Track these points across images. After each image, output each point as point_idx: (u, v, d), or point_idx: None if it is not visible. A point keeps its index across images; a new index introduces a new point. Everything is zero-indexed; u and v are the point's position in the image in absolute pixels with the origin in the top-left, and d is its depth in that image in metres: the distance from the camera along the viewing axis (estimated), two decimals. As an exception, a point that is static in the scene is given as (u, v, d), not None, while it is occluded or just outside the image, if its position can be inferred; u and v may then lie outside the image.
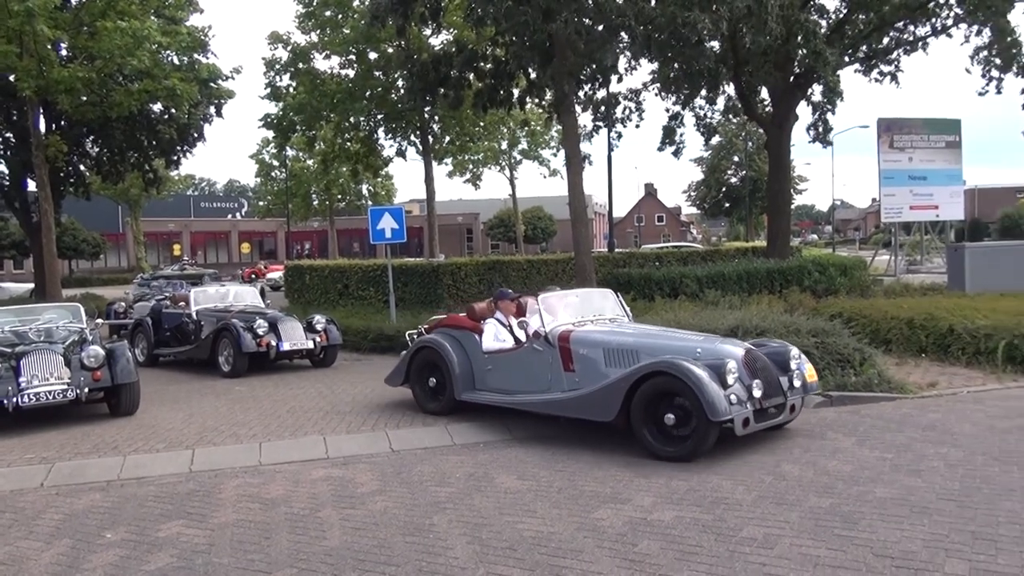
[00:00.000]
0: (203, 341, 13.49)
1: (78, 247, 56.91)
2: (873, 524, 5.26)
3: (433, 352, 9.05)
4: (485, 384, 8.65)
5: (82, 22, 19.70)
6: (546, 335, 8.05)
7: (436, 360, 9.00)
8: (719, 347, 7.34)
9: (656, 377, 6.93)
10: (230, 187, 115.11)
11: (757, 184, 62.00)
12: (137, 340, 14.85)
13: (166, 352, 14.61)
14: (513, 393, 8.33)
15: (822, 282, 17.87)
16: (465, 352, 8.84)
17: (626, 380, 7.12)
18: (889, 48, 21.93)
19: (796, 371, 7.56)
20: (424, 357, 9.20)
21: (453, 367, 8.75)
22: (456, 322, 9.30)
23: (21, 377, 9.00)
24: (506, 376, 8.46)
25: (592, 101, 21.04)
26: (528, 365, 8.23)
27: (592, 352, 7.78)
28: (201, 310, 14.24)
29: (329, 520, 5.80)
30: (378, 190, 62.75)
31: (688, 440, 6.77)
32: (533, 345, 8.19)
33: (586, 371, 7.74)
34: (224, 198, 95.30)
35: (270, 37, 29.76)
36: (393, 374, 9.71)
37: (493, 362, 8.61)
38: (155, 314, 15.16)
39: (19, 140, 24.53)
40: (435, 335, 9.25)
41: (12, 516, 6.24)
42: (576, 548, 5.07)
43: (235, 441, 8.27)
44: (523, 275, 19.90)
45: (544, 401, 7.97)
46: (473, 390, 8.71)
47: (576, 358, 7.85)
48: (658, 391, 6.94)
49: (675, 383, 6.80)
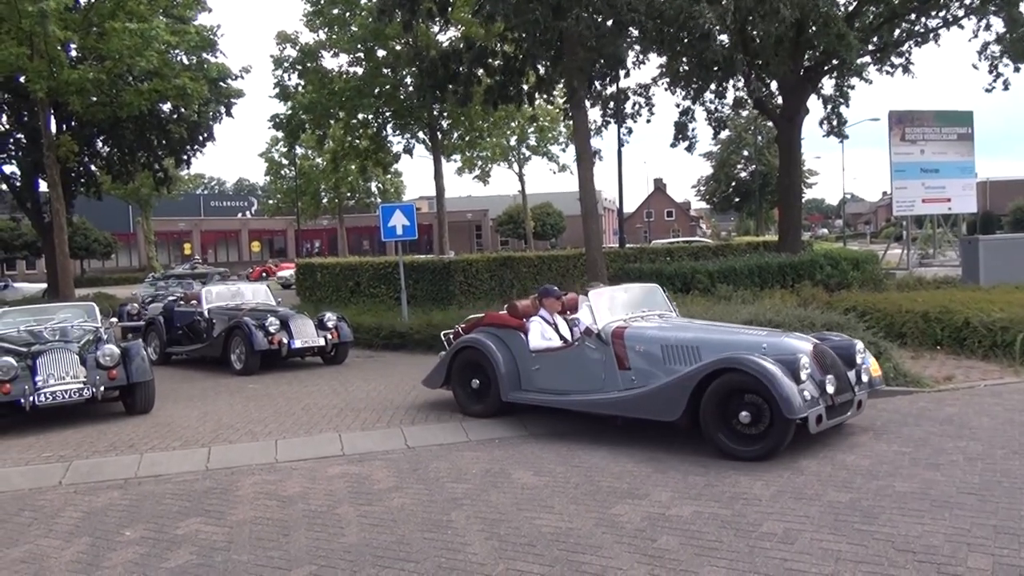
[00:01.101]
0: (215, 339, 13.51)
1: (90, 247, 57.16)
2: (893, 518, 5.23)
3: (476, 352, 8.68)
4: (532, 384, 8.32)
5: (91, 23, 19.78)
6: (599, 332, 7.77)
7: (479, 360, 8.64)
8: (786, 342, 7.12)
9: (726, 374, 6.68)
10: (240, 186, 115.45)
11: (767, 178, 61.88)
12: (150, 339, 14.88)
13: (178, 350, 14.62)
14: (564, 393, 8.03)
15: (834, 276, 17.79)
16: (510, 351, 8.49)
17: (692, 378, 6.86)
18: (900, 40, 21.80)
19: (862, 365, 7.43)
20: (466, 357, 8.83)
21: (499, 367, 8.39)
22: (499, 320, 8.91)
23: (37, 376, 9.04)
24: (556, 376, 8.15)
25: (602, 97, 20.97)
26: (580, 364, 7.93)
27: (649, 349, 7.50)
28: (213, 308, 14.24)
29: (347, 517, 5.81)
30: (387, 187, 62.89)
31: (763, 439, 6.55)
32: (585, 343, 7.91)
33: (643, 369, 7.48)
34: (234, 197, 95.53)
35: (278, 36, 29.88)
36: (432, 375, 9.33)
37: (541, 361, 8.29)
38: (167, 312, 15.20)
39: (30, 141, 24.67)
40: (478, 334, 8.86)
41: (31, 514, 6.27)
42: (595, 544, 5.06)
43: (251, 439, 8.28)
44: (534, 271, 19.88)
45: (599, 401, 7.68)
46: (520, 391, 8.37)
47: (632, 356, 7.57)
48: (728, 388, 6.68)
49: (747, 380, 6.56)
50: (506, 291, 18.58)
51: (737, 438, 6.67)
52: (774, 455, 6.56)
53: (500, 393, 8.39)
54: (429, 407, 9.38)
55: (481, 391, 8.69)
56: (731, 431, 6.70)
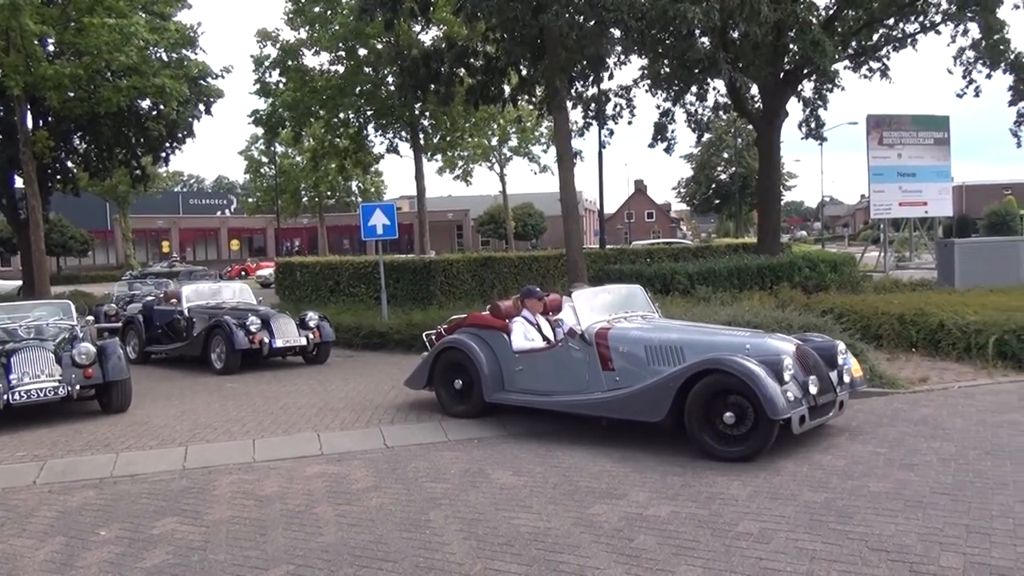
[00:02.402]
0: (195, 338, 13.42)
1: (66, 244, 56.50)
2: (868, 518, 5.29)
3: (459, 353, 8.65)
4: (515, 385, 8.29)
5: (69, 18, 19.57)
6: (582, 333, 7.76)
7: (462, 361, 8.60)
8: (768, 343, 7.14)
9: (710, 375, 6.70)
10: (219, 184, 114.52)
11: (747, 180, 62.22)
12: (128, 337, 14.79)
13: (158, 349, 14.49)
14: (548, 394, 8.00)
15: (812, 278, 17.95)
16: (493, 352, 8.45)
17: (676, 379, 6.87)
18: (879, 44, 22.02)
19: (844, 366, 7.47)
20: (449, 358, 8.81)
21: (482, 368, 8.35)
22: (482, 321, 8.88)
23: (12, 374, 8.96)
24: (539, 376, 8.13)
25: (583, 98, 21.02)
26: (563, 365, 7.92)
27: (633, 350, 7.50)
28: (193, 307, 14.15)
29: (325, 516, 5.79)
30: (367, 187, 62.65)
31: (747, 440, 6.56)
32: (569, 344, 7.88)
33: (627, 370, 7.48)
34: (213, 195, 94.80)
35: (259, 34, 29.67)
36: (414, 376, 9.29)
37: (524, 362, 8.26)
38: (146, 311, 15.06)
39: (6, 136, 24.35)
40: (460, 335, 8.84)
41: (5, 514, 6.20)
42: (573, 543, 5.08)
43: (228, 438, 8.24)
44: (515, 271, 19.90)
45: (583, 402, 7.66)
46: (503, 391, 8.34)
47: (615, 356, 7.57)
48: (713, 390, 6.69)
49: (731, 381, 6.58)
50: (487, 291, 18.59)
51: (721, 439, 6.68)
52: (758, 456, 6.59)
53: (483, 394, 8.36)
54: (408, 407, 9.36)
55: (464, 392, 8.64)
56: (715, 432, 6.71)
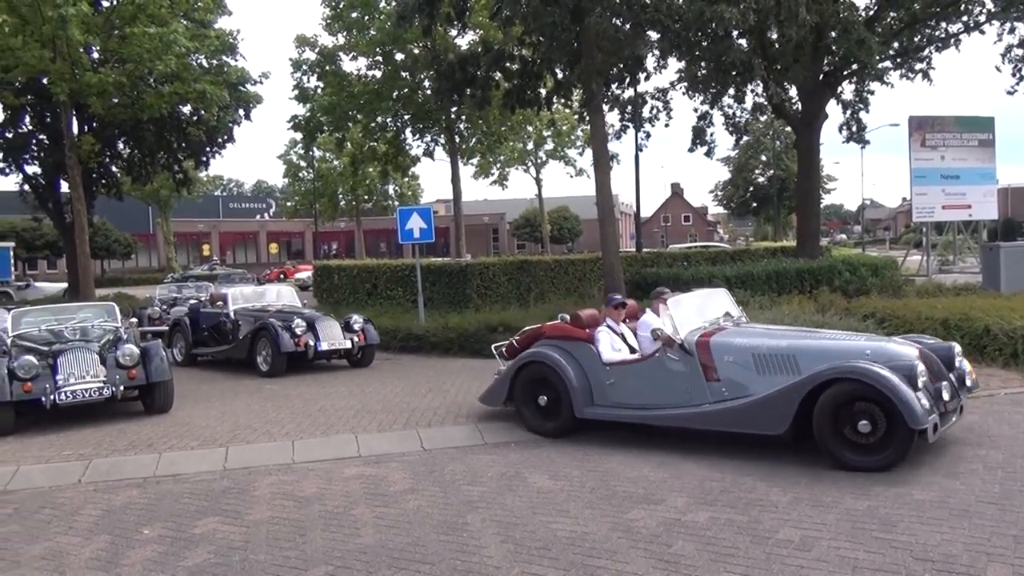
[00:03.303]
0: (241, 341, 13.49)
1: (110, 247, 57.65)
2: (912, 527, 5.20)
3: (543, 367, 8.15)
4: (607, 399, 7.85)
5: (113, 26, 19.98)
6: (682, 343, 7.39)
7: (547, 375, 8.11)
8: (890, 348, 6.83)
9: (839, 383, 6.39)
10: (258, 188, 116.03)
11: (785, 183, 61.59)
12: (175, 339, 14.96)
13: (204, 352, 14.62)
14: (645, 408, 7.60)
15: (853, 282, 17.66)
16: (580, 365, 8.00)
17: (801, 388, 6.55)
18: (921, 45, 21.64)
19: (962, 368, 7.23)
20: (531, 373, 8.27)
21: (571, 382, 7.88)
22: (564, 332, 8.39)
23: (58, 375, 9.15)
24: (633, 389, 7.71)
25: (619, 101, 20.94)
26: (661, 376, 7.51)
27: (739, 359, 7.15)
28: (239, 309, 14.21)
29: (362, 518, 5.83)
30: (404, 190, 63.02)
31: (885, 449, 6.28)
32: (667, 354, 7.48)
33: (734, 380, 7.12)
34: (252, 199, 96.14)
35: (297, 39, 30.02)
36: (492, 393, 8.78)
37: (615, 374, 7.83)
38: (193, 313, 15.22)
39: (53, 142, 24.97)
40: (543, 348, 8.32)
41: (51, 512, 6.33)
42: (610, 548, 5.05)
43: (268, 439, 8.33)
44: (551, 275, 19.87)
45: (689, 415, 7.27)
46: (593, 406, 7.88)
47: (720, 366, 7.19)
48: (842, 398, 6.39)
49: (863, 389, 6.28)
50: (523, 295, 18.58)
51: (855, 449, 6.39)
52: (896, 466, 6.32)
53: (573, 410, 7.89)
54: (445, 410, 9.40)
55: (549, 408, 8.14)
56: (846, 442, 6.42)
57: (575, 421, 7.95)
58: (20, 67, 19.08)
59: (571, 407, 7.90)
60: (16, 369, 8.95)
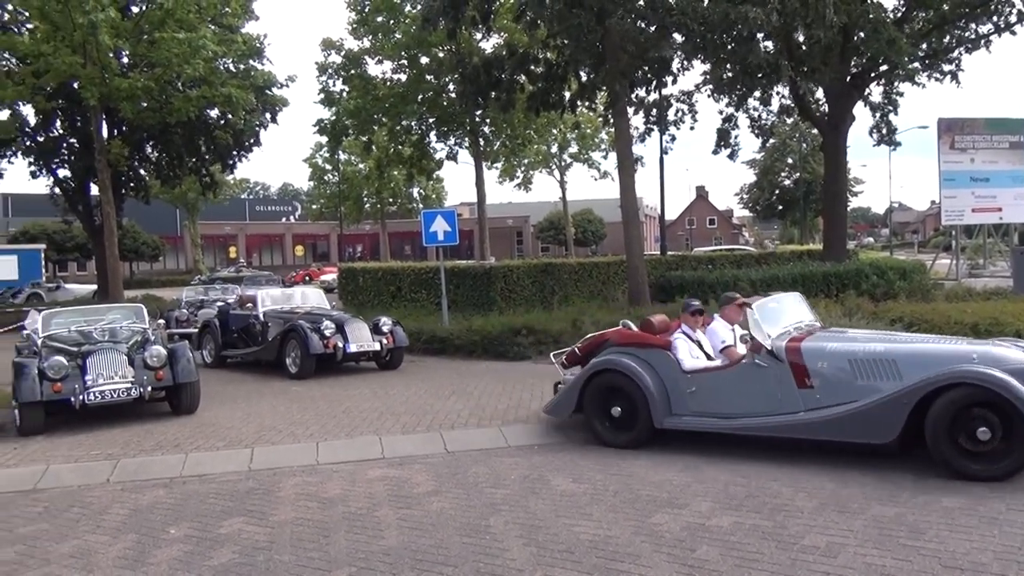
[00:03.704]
0: (270, 342, 13.45)
1: (138, 249, 58.41)
2: (941, 534, 5.12)
3: (618, 376, 7.73)
4: (687, 408, 7.50)
5: (142, 31, 20.27)
6: (771, 349, 7.10)
7: (622, 385, 7.69)
8: (996, 351, 6.56)
9: (953, 389, 6.15)
10: (284, 191, 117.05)
11: (811, 186, 61.09)
12: (205, 341, 15.02)
13: (233, 353, 14.61)
14: (731, 417, 7.26)
15: (880, 286, 17.47)
16: (657, 373, 7.63)
17: (912, 395, 6.29)
18: (950, 47, 21.39)
19: None
20: (603, 382, 7.85)
21: (650, 391, 7.50)
22: (639, 339, 8.01)
23: (87, 376, 9.26)
24: (717, 398, 7.38)
25: (644, 103, 20.89)
26: (748, 384, 7.20)
27: (834, 364, 6.86)
28: (268, 311, 14.16)
29: (386, 520, 5.85)
30: (429, 193, 63.27)
31: (1005, 457, 6.05)
32: (754, 360, 7.18)
33: (830, 387, 6.82)
34: (278, 201, 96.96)
35: (323, 43, 30.30)
36: (559, 403, 8.32)
37: (697, 382, 7.49)
38: (222, 315, 15.25)
39: (83, 146, 25.33)
40: (616, 355, 7.92)
41: (80, 511, 6.41)
42: (634, 552, 5.03)
43: (292, 440, 8.39)
44: (575, 278, 19.84)
45: (782, 424, 6.95)
46: (673, 416, 7.54)
47: (814, 373, 6.89)
48: (958, 405, 6.15)
49: (981, 394, 6.06)
50: (547, 298, 18.57)
51: (974, 458, 6.15)
52: (1015, 475, 6.11)
53: (652, 420, 7.53)
54: (468, 412, 9.41)
55: (624, 419, 7.73)
56: (963, 451, 6.19)
57: (652, 432, 7.60)
58: (51, 72, 19.39)
59: (649, 417, 7.53)
60: (46, 369, 9.08)
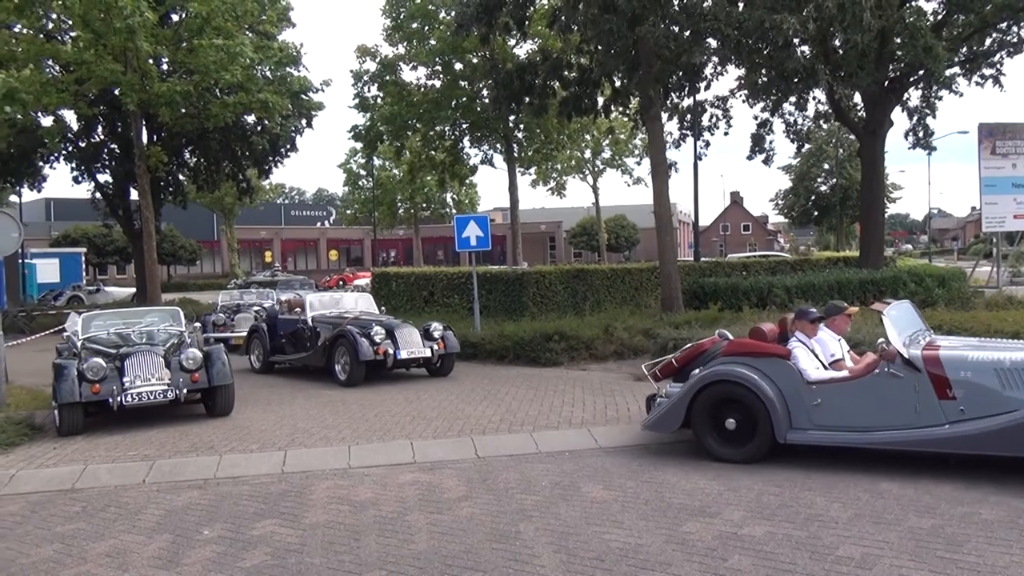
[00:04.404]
0: (319, 348, 13.18)
1: (176, 253, 59.27)
2: (979, 547, 5.02)
3: (734, 387, 7.32)
4: (813, 422, 7.08)
5: (181, 38, 20.59)
6: (908, 358, 6.76)
7: (738, 396, 7.30)
8: None
9: None
10: (319, 196, 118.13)
11: (848, 192, 60.32)
12: (253, 347, 14.85)
13: (281, 359, 14.33)
14: (866, 430, 6.87)
15: (919, 293, 17.20)
16: (775, 384, 7.22)
17: None
18: (991, 50, 21.02)
19: None
20: (714, 394, 7.42)
21: (772, 403, 7.10)
22: (756, 349, 7.54)
23: (125, 377, 9.41)
24: (847, 410, 6.96)
25: (678, 109, 20.78)
26: (882, 395, 6.82)
27: (978, 374, 6.56)
28: (317, 316, 13.87)
29: (417, 524, 5.86)
30: (461, 198, 63.46)
31: None
32: (888, 370, 6.81)
33: (975, 398, 6.51)
34: (313, 206, 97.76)
35: (358, 50, 30.53)
36: (663, 418, 7.72)
37: (822, 394, 7.07)
38: (270, 320, 15.02)
39: (123, 151, 25.79)
40: (728, 365, 7.47)
41: (116, 511, 6.51)
42: (665, 561, 4.99)
43: (325, 444, 8.44)
44: (607, 284, 19.76)
45: (924, 438, 6.63)
46: (796, 430, 7.11)
47: (956, 383, 6.57)
48: None
49: None
50: (579, 304, 18.52)
51: None
52: None
53: (775, 434, 7.11)
54: (499, 417, 9.41)
55: (739, 432, 7.32)
56: None
57: (772, 447, 7.20)
58: (93, 79, 19.77)
59: (771, 431, 7.12)
60: (85, 371, 9.23)
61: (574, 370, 13.07)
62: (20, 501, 6.91)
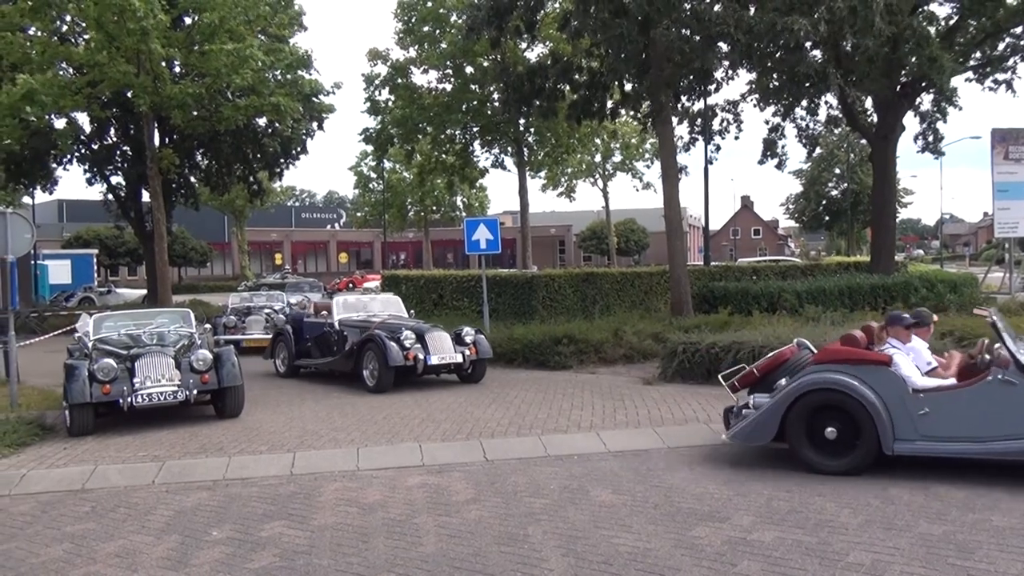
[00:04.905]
0: (346, 353, 12.73)
1: (187, 255, 59.52)
2: (991, 554, 4.99)
3: (835, 395, 7.00)
4: (916, 431, 6.78)
5: (193, 41, 20.71)
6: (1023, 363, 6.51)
7: (838, 405, 6.99)
8: None
9: None
10: (329, 198, 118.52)
11: (859, 197, 60.06)
12: (278, 350, 14.48)
13: (307, 363, 13.94)
14: (983, 440, 6.61)
15: (930, 299, 17.14)
16: (876, 392, 6.91)
17: None
18: (1004, 55, 20.94)
19: None
20: (811, 403, 7.08)
21: (877, 413, 6.80)
22: (855, 356, 7.20)
23: (135, 378, 9.45)
24: (956, 419, 6.69)
25: (689, 113, 20.77)
26: (997, 403, 6.58)
27: None
28: (344, 319, 13.42)
29: (425, 527, 5.86)
30: (472, 202, 63.51)
31: None
32: (1002, 377, 6.58)
33: None
34: (323, 209, 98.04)
35: (369, 53, 30.61)
36: (755, 428, 7.32)
37: (929, 402, 6.79)
38: (295, 323, 14.57)
39: (135, 154, 25.92)
40: (827, 373, 7.12)
41: (126, 511, 6.53)
42: (673, 566, 4.98)
43: (334, 446, 8.45)
44: (617, 288, 19.75)
45: None
46: (901, 440, 6.80)
47: None
48: None
49: None
50: (588, 307, 18.51)
51: None
52: None
53: (882, 444, 6.82)
54: (508, 420, 9.40)
55: (840, 442, 7.00)
56: None
57: (877, 457, 6.89)
58: (106, 81, 19.89)
59: (877, 441, 6.83)
60: (96, 372, 9.27)
61: (583, 373, 13.06)
62: (30, 501, 6.95)
